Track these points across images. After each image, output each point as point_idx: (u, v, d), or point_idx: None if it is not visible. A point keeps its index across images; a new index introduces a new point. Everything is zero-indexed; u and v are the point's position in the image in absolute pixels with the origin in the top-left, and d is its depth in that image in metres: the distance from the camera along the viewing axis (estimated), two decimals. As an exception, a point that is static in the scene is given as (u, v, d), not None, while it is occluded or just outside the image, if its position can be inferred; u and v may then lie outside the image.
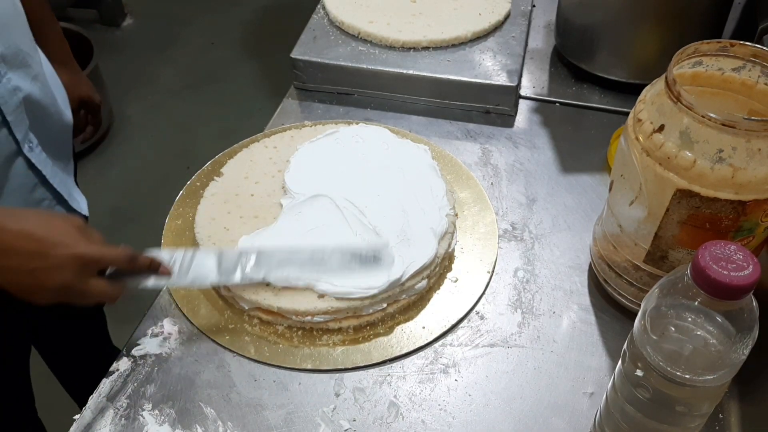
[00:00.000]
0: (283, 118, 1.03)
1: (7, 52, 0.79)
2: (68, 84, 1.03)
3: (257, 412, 0.69)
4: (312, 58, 1.04)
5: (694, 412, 0.57)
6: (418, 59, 1.04)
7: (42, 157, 0.87)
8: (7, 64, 0.79)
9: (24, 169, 0.85)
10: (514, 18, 1.12)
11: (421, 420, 0.68)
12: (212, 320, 0.76)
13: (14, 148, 0.82)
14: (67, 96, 1.00)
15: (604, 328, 0.76)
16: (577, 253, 0.83)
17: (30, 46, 0.85)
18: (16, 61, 0.81)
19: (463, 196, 0.89)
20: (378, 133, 0.91)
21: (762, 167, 0.58)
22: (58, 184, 0.91)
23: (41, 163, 0.87)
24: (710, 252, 0.49)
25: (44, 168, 0.87)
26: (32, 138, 0.85)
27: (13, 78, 0.80)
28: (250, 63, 2.63)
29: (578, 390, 0.71)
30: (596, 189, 0.91)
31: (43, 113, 0.88)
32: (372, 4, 1.12)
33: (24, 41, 0.83)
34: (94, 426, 0.68)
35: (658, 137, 0.61)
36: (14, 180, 0.84)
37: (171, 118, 2.43)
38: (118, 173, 2.21)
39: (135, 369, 0.72)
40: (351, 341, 0.74)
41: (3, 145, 0.80)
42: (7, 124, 0.80)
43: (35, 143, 0.85)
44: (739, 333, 0.50)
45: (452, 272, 0.81)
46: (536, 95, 1.06)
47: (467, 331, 0.76)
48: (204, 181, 0.90)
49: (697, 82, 0.67)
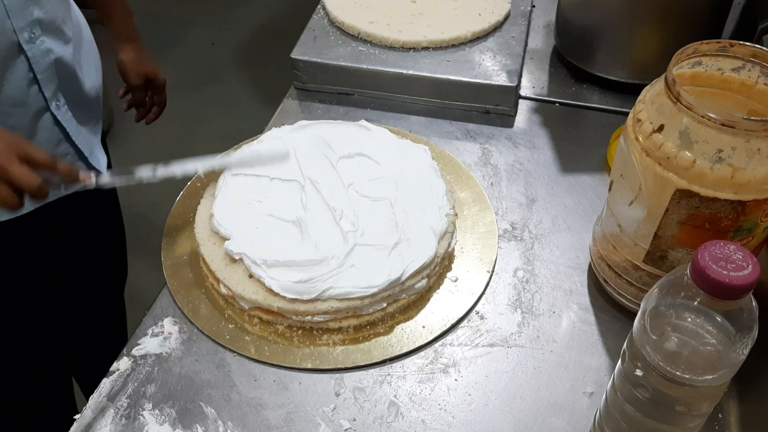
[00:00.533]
0: (283, 118, 1.03)
1: (45, 17, 0.87)
2: (133, 60, 1.11)
3: (257, 412, 0.69)
4: (312, 59, 1.04)
5: (694, 411, 0.57)
6: (418, 59, 1.04)
7: (68, 116, 0.94)
8: (42, 28, 0.87)
9: (50, 124, 0.93)
10: (514, 18, 1.12)
11: (421, 420, 0.68)
12: (212, 320, 0.76)
13: (42, 105, 0.90)
14: (100, 63, 1.08)
15: (604, 328, 0.76)
16: (576, 253, 0.83)
17: (65, 13, 0.93)
18: (51, 27, 0.89)
19: (463, 196, 0.89)
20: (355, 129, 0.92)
21: (761, 167, 0.58)
22: (80, 141, 0.98)
23: (66, 121, 0.94)
24: (710, 252, 0.49)
25: (69, 126, 0.95)
26: (60, 97, 0.92)
27: (46, 41, 0.88)
28: (250, 63, 2.63)
29: (578, 390, 0.71)
30: (596, 189, 0.91)
31: (72, 75, 0.96)
32: (372, 4, 1.12)
33: (59, 9, 0.91)
34: (95, 426, 0.68)
35: (658, 137, 0.61)
36: (41, 134, 0.92)
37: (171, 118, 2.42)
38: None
39: (135, 369, 0.72)
40: (351, 341, 0.74)
41: (33, 100, 0.89)
42: (37, 82, 0.88)
43: (62, 102, 0.93)
44: (739, 333, 0.50)
45: (452, 272, 0.81)
46: (536, 95, 1.06)
47: (467, 330, 0.76)
48: (204, 182, 0.90)
49: (697, 83, 0.67)
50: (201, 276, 0.80)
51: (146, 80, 1.14)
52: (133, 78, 1.12)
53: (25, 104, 0.88)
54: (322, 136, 0.89)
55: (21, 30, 0.84)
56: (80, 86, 0.99)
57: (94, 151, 1.03)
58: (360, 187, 0.83)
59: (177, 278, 0.80)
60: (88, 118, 1.02)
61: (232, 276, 0.75)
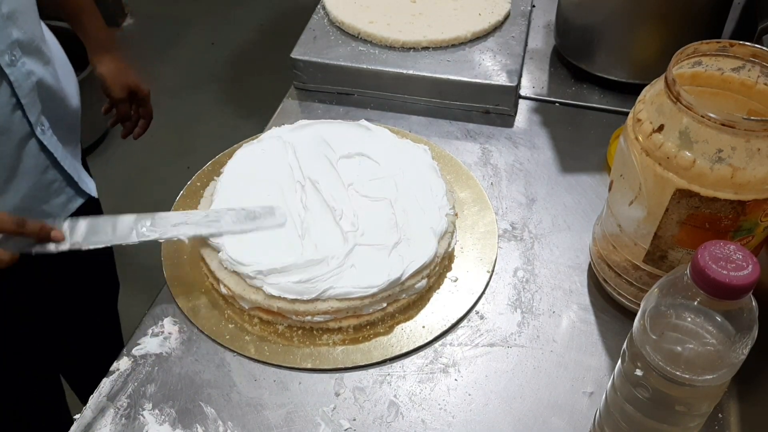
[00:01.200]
0: (283, 118, 1.03)
1: (23, 38, 0.82)
2: (113, 73, 1.04)
3: (257, 412, 0.69)
4: (312, 58, 1.04)
5: (694, 411, 0.57)
6: (418, 59, 1.04)
7: (53, 140, 0.90)
8: (22, 49, 0.82)
9: (36, 150, 0.88)
10: (514, 18, 1.12)
11: (421, 419, 0.68)
12: (212, 320, 0.76)
13: (27, 130, 0.85)
14: (77, 83, 1.02)
15: (604, 328, 0.76)
16: (576, 252, 0.83)
17: (41, 33, 0.88)
18: (31, 47, 0.84)
19: (463, 195, 0.89)
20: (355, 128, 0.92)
21: (761, 167, 0.58)
22: (68, 166, 0.94)
23: (52, 146, 0.90)
24: (710, 252, 0.49)
25: (55, 150, 0.90)
26: (44, 121, 0.88)
27: (27, 62, 0.83)
28: (250, 63, 2.63)
29: (578, 389, 0.71)
30: (596, 189, 0.91)
31: (54, 97, 0.91)
32: (372, 4, 1.12)
33: (37, 29, 0.87)
34: (95, 425, 0.68)
35: (658, 137, 0.61)
36: (27, 161, 0.87)
37: (171, 118, 2.43)
38: (118, 173, 2.21)
39: (135, 368, 0.72)
40: (351, 341, 0.74)
41: (17, 126, 0.84)
42: (21, 107, 0.83)
43: (47, 126, 0.88)
44: (739, 333, 0.50)
45: (452, 272, 0.81)
46: (536, 95, 1.06)
47: (467, 330, 0.76)
48: (204, 181, 0.90)
49: (697, 82, 0.67)
50: (201, 276, 0.80)
51: (129, 92, 1.07)
52: (116, 91, 1.05)
53: (9, 131, 0.83)
54: (322, 136, 0.89)
55: (2, 53, 0.79)
56: (62, 108, 0.94)
57: (81, 175, 0.98)
58: (360, 186, 0.83)
59: (177, 278, 0.80)
60: (70, 140, 0.97)
61: (232, 276, 0.75)
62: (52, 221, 0.71)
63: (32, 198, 0.90)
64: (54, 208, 0.95)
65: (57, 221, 0.71)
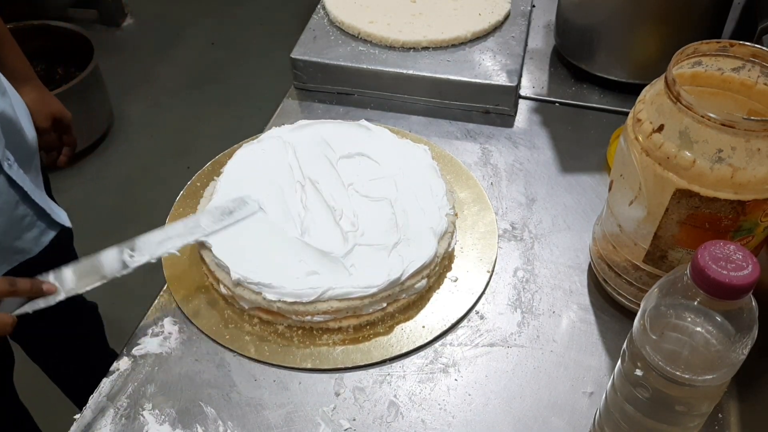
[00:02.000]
0: (283, 118, 1.03)
1: None
2: (36, 102, 1.00)
3: (257, 412, 0.69)
4: (312, 58, 1.04)
5: (694, 411, 0.57)
6: (418, 59, 1.04)
7: (20, 173, 0.87)
8: None
9: (5, 187, 0.85)
10: (514, 18, 1.12)
11: (421, 419, 0.68)
12: (212, 320, 0.76)
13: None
14: (29, 113, 0.98)
15: (604, 328, 0.76)
16: (576, 252, 0.83)
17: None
18: None
19: (463, 196, 0.89)
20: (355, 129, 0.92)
21: (761, 167, 0.58)
22: (38, 198, 0.91)
23: (20, 179, 0.87)
24: (709, 252, 0.49)
25: (24, 183, 0.87)
26: (9, 155, 0.85)
27: None
28: (250, 63, 2.63)
29: (578, 389, 0.71)
30: (596, 189, 0.91)
31: (13, 129, 0.88)
32: (372, 4, 1.12)
33: None
34: (95, 425, 0.68)
35: (658, 137, 0.61)
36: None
37: (171, 118, 2.43)
38: (118, 173, 2.21)
39: (135, 368, 0.72)
40: (351, 341, 0.74)
41: None
42: None
43: (12, 160, 0.85)
44: (739, 333, 0.50)
45: (452, 272, 0.81)
46: (536, 95, 1.06)
47: (467, 330, 0.76)
48: (204, 181, 0.90)
49: (697, 82, 0.67)
50: (201, 276, 0.80)
51: (54, 121, 1.03)
52: (41, 120, 1.01)
53: None
54: (322, 136, 0.89)
55: None
56: (23, 140, 0.92)
57: (51, 206, 0.96)
58: (360, 186, 0.83)
59: (177, 278, 0.80)
60: (30, 171, 0.94)
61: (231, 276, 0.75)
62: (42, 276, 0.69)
63: (4, 235, 0.88)
64: (27, 243, 0.92)
65: (43, 276, 0.69)
